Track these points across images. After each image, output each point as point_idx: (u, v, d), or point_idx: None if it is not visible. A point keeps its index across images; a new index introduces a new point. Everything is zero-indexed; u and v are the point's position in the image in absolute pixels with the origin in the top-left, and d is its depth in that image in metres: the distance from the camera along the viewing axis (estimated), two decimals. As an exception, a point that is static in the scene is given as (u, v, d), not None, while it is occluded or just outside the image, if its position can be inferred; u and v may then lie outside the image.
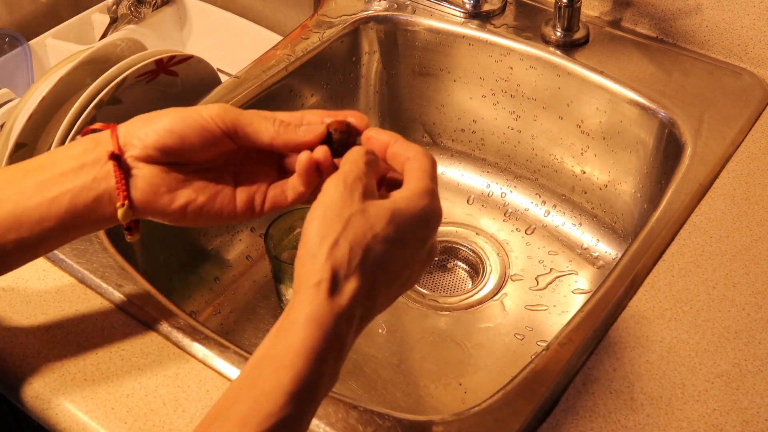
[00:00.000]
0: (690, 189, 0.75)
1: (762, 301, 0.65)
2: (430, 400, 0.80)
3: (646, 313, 0.65)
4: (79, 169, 0.55)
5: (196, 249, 0.89)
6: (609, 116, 0.89)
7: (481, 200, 1.00)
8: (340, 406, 0.59)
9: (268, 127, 0.55)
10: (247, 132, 0.56)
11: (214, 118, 0.55)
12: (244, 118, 0.56)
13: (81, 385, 0.60)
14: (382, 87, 1.02)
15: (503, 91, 0.96)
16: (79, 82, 0.83)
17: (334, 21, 0.97)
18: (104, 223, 0.56)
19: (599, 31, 0.94)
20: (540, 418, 0.58)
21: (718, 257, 0.69)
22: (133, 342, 0.63)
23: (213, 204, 0.57)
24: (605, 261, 0.92)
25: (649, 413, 0.58)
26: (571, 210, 0.96)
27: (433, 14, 0.97)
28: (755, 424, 0.57)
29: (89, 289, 0.67)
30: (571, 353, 0.62)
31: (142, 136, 0.55)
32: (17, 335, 0.64)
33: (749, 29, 0.87)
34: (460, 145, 1.02)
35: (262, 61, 0.92)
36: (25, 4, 1.13)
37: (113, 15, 1.10)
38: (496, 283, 0.91)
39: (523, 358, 0.82)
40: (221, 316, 0.87)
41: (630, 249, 0.70)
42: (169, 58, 0.85)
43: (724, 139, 0.80)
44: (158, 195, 0.56)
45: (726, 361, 0.61)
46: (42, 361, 0.62)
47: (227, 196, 0.57)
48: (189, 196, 0.56)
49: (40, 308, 0.66)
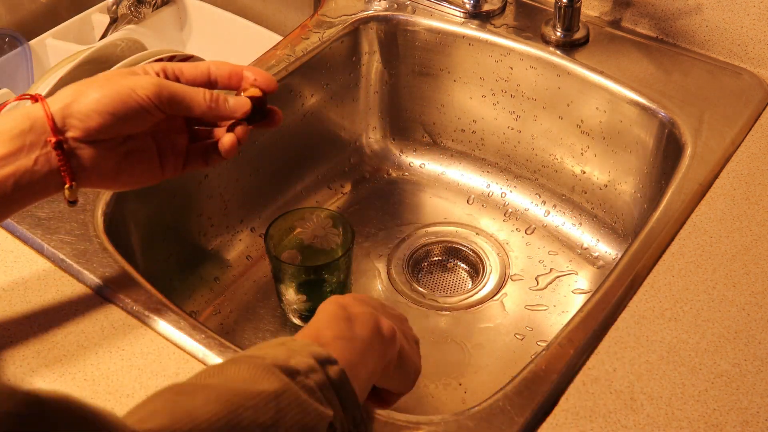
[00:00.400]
0: (690, 189, 0.75)
1: (762, 301, 0.65)
2: (430, 400, 0.80)
3: (646, 313, 0.65)
4: (18, 152, 0.56)
5: (196, 249, 0.89)
6: (609, 116, 0.89)
7: (481, 200, 1.00)
8: (340, 406, 0.59)
9: (201, 103, 0.60)
10: (180, 108, 0.60)
11: (150, 97, 0.58)
12: (178, 94, 0.59)
13: (81, 385, 0.60)
14: (382, 87, 1.02)
15: (503, 91, 0.96)
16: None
17: (334, 21, 0.97)
18: (49, 195, 0.59)
19: (599, 31, 0.94)
20: (540, 418, 0.58)
21: (718, 257, 0.69)
22: (133, 342, 0.63)
23: (142, 168, 0.62)
24: (605, 261, 0.92)
25: (649, 413, 0.58)
26: (571, 210, 0.96)
27: (433, 14, 0.97)
28: (755, 424, 0.57)
29: (89, 288, 0.67)
30: (571, 353, 0.62)
31: (83, 117, 0.57)
32: (17, 335, 0.64)
33: (749, 29, 0.87)
34: (460, 145, 1.02)
35: (262, 61, 0.92)
36: (25, 4, 1.13)
37: (113, 15, 1.10)
38: (496, 283, 0.91)
39: (523, 358, 0.82)
40: (221, 316, 0.87)
41: (630, 249, 0.70)
42: (169, 58, 0.85)
43: (724, 139, 0.80)
44: (101, 172, 0.59)
45: (726, 361, 0.61)
46: (42, 360, 0.62)
47: (153, 159, 0.62)
48: (124, 166, 0.61)
49: (40, 308, 0.66)
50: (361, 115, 1.03)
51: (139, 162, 0.62)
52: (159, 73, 0.61)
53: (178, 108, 0.60)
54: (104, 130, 0.58)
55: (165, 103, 0.59)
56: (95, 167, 0.59)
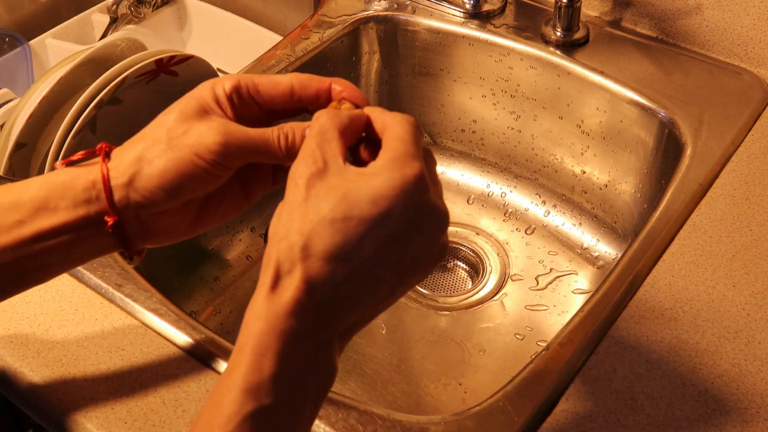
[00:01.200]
0: (690, 189, 0.75)
1: (762, 301, 0.65)
2: (430, 400, 0.80)
3: (646, 313, 0.65)
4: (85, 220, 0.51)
5: (196, 249, 0.89)
6: (609, 116, 0.89)
7: (481, 200, 1.00)
8: (340, 406, 0.59)
9: (276, 152, 0.51)
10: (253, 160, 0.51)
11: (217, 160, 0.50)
12: (249, 148, 0.51)
13: (81, 385, 0.60)
14: (382, 87, 1.02)
15: (503, 91, 0.96)
16: (79, 82, 0.83)
17: (334, 21, 0.97)
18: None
19: (599, 31, 0.94)
20: (540, 418, 0.58)
21: (718, 257, 0.69)
22: (133, 342, 0.63)
23: (225, 207, 0.55)
24: (605, 261, 0.92)
25: (649, 413, 0.58)
26: (571, 210, 0.96)
27: (433, 14, 0.97)
28: (755, 424, 0.57)
29: (89, 289, 0.67)
30: (571, 353, 0.62)
31: (147, 193, 0.51)
32: (16, 335, 0.64)
33: (749, 29, 0.87)
34: (460, 145, 1.02)
35: (262, 61, 0.92)
36: (25, 4, 1.13)
37: (113, 15, 1.10)
38: (496, 283, 0.91)
39: (523, 358, 0.82)
40: (221, 316, 0.87)
41: (630, 249, 0.70)
42: (169, 58, 0.85)
43: (724, 139, 0.80)
44: (177, 233, 0.54)
45: (726, 361, 0.61)
46: (41, 361, 0.62)
47: (237, 193, 0.55)
48: (203, 216, 0.55)
49: (40, 308, 0.66)
50: (361, 115, 1.03)
51: (219, 204, 0.55)
52: (232, 96, 0.52)
53: (251, 160, 0.51)
54: (170, 203, 0.51)
55: (234, 161, 0.50)
56: (167, 233, 0.54)
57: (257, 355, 0.45)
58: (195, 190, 0.51)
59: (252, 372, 0.44)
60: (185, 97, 0.52)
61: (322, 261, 0.45)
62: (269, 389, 0.45)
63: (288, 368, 0.45)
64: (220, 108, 0.52)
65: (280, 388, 0.45)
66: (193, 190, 0.51)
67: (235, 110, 0.52)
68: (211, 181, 0.51)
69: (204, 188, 0.52)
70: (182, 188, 0.50)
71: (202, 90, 0.52)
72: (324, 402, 0.52)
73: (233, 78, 0.52)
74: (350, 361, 0.81)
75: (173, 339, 0.64)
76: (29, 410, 0.62)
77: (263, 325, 0.45)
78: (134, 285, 0.67)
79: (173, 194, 0.51)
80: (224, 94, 0.52)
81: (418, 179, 0.46)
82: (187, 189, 0.51)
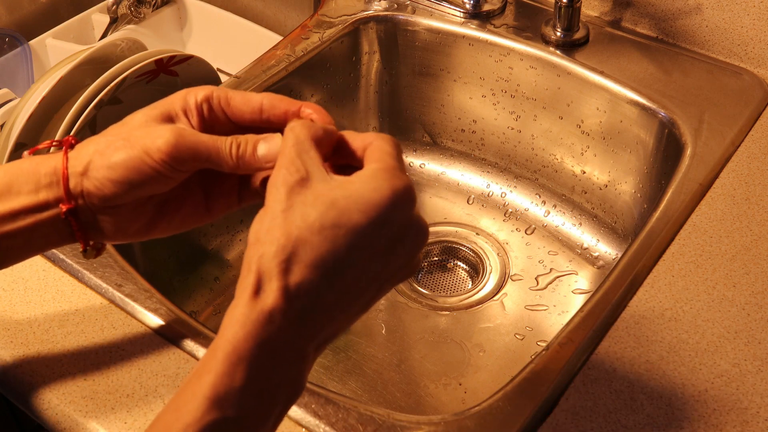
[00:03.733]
0: (690, 189, 0.75)
1: (762, 301, 0.65)
2: (430, 400, 0.80)
3: (646, 313, 0.65)
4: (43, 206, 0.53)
5: (196, 249, 0.89)
6: (609, 116, 0.89)
7: (481, 200, 1.00)
8: (340, 406, 0.59)
9: (227, 161, 0.51)
10: (203, 166, 0.52)
11: (166, 160, 0.51)
12: (199, 153, 0.51)
13: (81, 384, 0.60)
14: (382, 87, 1.02)
15: (503, 91, 0.96)
16: (79, 82, 0.83)
17: (334, 21, 0.97)
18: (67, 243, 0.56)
19: (599, 31, 0.94)
20: (540, 418, 0.58)
21: (718, 257, 0.69)
22: (134, 342, 0.63)
23: (183, 214, 0.56)
24: (605, 261, 0.92)
25: (649, 413, 0.58)
26: (571, 210, 0.96)
27: (433, 14, 0.97)
28: (755, 424, 0.57)
29: (89, 288, 0.68)
30: (571, 353, 0.62)
31: (98, 184, 0.52)
32: (17, 335, 0.64)
33: (749, 29, 0.87)
34: (460, 145, 1.02)
35: (262, 61, 0.92)
36: (25, 4, 1.13)
37: (113, 15, 1.10)
38: (496, 283, 0.91)
39: (523, 358, 0.82)
40: (221, 316, 0.87)
41: (630, 249, 0.70)
42: (169, 58, 0.85)
43: (724, 139, 0.80)
44: (129, 233, 0.55)
45: (726, 361, 0.61)
46: (42, 360, 0.62)
47: (197, 203, 0.56)
48: (158, 220, 0.55)
49: (40, 308, 0.66)
50: (361, 115, 1.03)
51: (177, 211, 0.55)
52: (202, 105, 0.53)
53: (201, 166, 0.52)
54: (121, 198, 0.52)
55: (183, 164, 0.51)
56: (120, 230, 0.54)
57: (231, 363, 0.44)
58: (145, 188, 0.52)
59: (221, 381, 0.44)
60: (159, 101, 0.54)
61: (308, 269, 0.44)
62: (236, 401, 0.44)
63: (260, 379, 0.45)
64: (186, 116, 0.53)
65: (248, 400, 0.45)
66: (143, 187, 0.52)
67: (204, 121, 0.53)
68: (162, 181, 0.52)
69: (155, 188, 0.52)
70: (131, 184, 0.51)
71: (175, 97, 0.54)
72: (324, 402, 0.52)
73: (207, 89, 0.54)
74: (350, 361, 0.81)
75: (173, 339, 0.64)
76: (30, 411, 0.62)
77: (241, 332, 0.44)
78: (134, 285, 0.67)
79: (123, 189, 0.52)
80: (195, 103, 0.53)
81: (407, 191, 0.46)
82: (137, 185, 0.52)
